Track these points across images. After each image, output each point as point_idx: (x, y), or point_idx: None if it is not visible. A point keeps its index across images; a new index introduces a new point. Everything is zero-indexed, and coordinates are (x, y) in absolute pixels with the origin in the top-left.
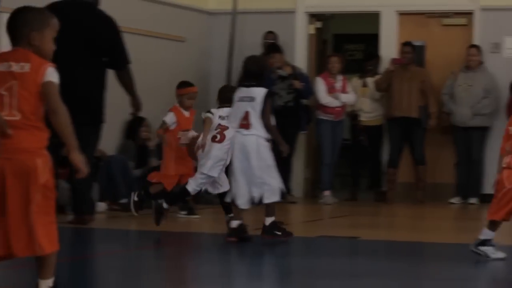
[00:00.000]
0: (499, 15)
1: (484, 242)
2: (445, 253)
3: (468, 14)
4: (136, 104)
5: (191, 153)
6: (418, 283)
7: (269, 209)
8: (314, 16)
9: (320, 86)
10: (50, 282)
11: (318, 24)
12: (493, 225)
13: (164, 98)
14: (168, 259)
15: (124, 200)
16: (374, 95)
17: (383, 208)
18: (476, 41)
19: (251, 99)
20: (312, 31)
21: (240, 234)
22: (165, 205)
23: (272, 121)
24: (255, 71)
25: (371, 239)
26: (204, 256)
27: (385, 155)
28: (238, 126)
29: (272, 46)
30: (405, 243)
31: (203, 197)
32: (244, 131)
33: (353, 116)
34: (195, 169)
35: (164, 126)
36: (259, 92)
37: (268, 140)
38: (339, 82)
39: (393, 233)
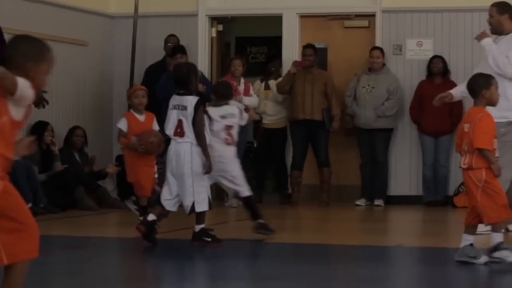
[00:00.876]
0: (400, 17)
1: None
2: (350, 255)
3: (370, 16)
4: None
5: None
6: (323, 285)
7: (199, 216)
8: (216, 19)
9: None
10: None
11: (220, 27)
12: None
13: (67, 102)
14: (72, 264)
15: (28, 205)
16: (277, 97)
17: (288, 211)
18: (378, 43)
19: (183, 107)
20: (214, 34)
21: (150, 230)
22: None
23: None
24: (181, 78)
25: (276, 241)
26: (109, 259)
27: (289, 158)
28: (172, 134)
29: (178, 48)
30: (311, 245)
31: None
32: (178, 139)
33: None
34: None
35: (122, 133)
36: (191, 101)
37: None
38: (242, 85)
39: (298, 236)
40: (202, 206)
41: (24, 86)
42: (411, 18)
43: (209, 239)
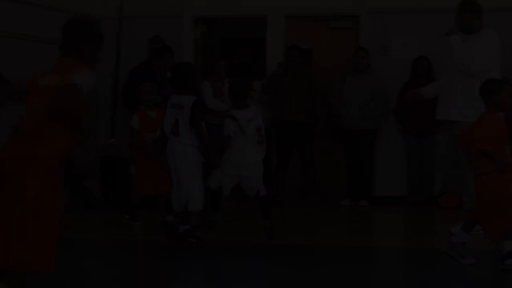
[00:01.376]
0: (386, 17)
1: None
2: (335, 256)
3: (355, 17)
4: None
5: (155, 153)
6: (308, 285)
7: (186, 217)
8: (201, 20)
9: (208, 90)
10: None
11: (205, 28)
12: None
13: None
14: (57, 265)
15: None
16: (261, 98)
17: (273, 211)
18: (363, 44)
19: (180, 107)
20: (199, 35)
21: (169, 230)
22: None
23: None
24: (180, 78)
25: (261, 242)
26: (94, 260)
27: (274, 159)
28: (169, 132)
29: (166, 48)
30: (295, 246)
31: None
32: (174, 138)
33: None
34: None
35: (134, 131)
36: (187, 101)
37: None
38: (226, 85)
39: (283, 236)
40: (194, 206)
41: (86, 79)
42: (396, 18)
43: (194, 240)
